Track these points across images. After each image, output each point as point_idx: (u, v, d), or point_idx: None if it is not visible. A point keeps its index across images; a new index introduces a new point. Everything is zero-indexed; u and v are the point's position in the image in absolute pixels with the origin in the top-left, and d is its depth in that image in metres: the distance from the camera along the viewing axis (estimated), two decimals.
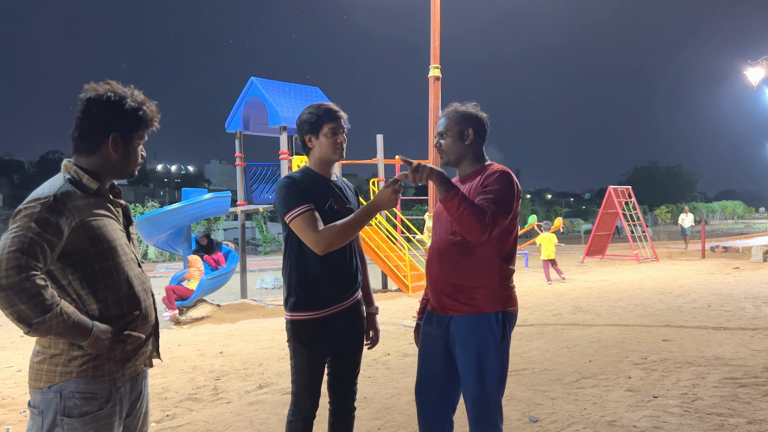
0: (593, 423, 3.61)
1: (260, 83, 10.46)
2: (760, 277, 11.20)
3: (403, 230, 14.59)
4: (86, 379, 1.65)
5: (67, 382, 1.64)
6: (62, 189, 1.64)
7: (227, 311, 9.15)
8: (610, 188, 17.18)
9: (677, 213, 54.39)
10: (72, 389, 1.64)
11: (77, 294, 1.67)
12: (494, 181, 2.25)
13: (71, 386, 1.64)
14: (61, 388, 1.64)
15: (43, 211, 1.57)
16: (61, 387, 1.64)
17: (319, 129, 2.41)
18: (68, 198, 1.63)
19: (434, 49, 7.48)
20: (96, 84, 1.74)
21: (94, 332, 1.62)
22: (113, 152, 1.74)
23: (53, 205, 1.59)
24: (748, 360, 4.96)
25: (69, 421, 1.63)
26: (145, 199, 34.08)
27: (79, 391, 1.65)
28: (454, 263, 2.31)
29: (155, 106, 1.81)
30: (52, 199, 1.60)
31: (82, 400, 1.65)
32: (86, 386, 1.65)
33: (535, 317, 7.64)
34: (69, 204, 1.63)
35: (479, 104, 2.46)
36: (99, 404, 1.67)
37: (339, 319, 2.43)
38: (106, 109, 1.70)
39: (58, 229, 1.59)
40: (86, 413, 1.65)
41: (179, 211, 9.11)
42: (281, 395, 4.42)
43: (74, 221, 1.63)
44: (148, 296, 1.83)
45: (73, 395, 1.64)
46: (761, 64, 13.26)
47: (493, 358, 2.27)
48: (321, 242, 2.25)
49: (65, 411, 1.64)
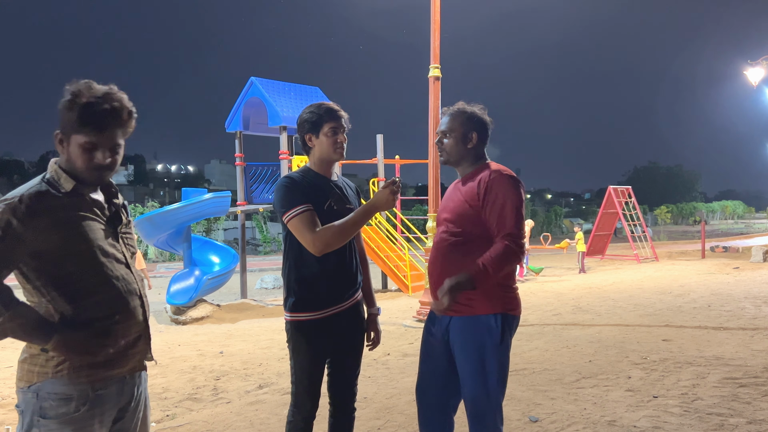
0: (593, 423, 3.60)
1: (260, 83, 10.46)
2: (760, 277, 11.20)
3: (403, 230, 14.59)
4: (62, 380, 1.62)
5: (44, 382, 1.62)
6: (33, 190, 1.61)
7: (227, 311, 9.15)
8: (610, 188, 17.18)
9: (677, 213, 54.42)
10: (48, 390, 1.62)
11: (50, 296, 1.63)
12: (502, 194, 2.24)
13: (48, 387, 1.62)
14: (39, 388, 1.62)
15: (6, 213, 1.55)
16: (38, 387, 1.62)
17: (320, 128, 2.40)
18: (37, 199, 1.60)
19: (434, 49, 7.48)
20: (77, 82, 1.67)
21: (56, 337, 1.58)
22: (61, 151, 1.68)
23: (17, 207, 1.56)
24: (748, 360, 4.96)
25: (45, 422, 1.61)
26: (145, 199, 34.10)
27: (54, 392, 1.62)
28: (453, 264, 2.31)
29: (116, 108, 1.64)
30: (17, 200, 1.57)
31: (58, 402, 1.61)
32: (62, 387, 1.62)
33: (535, 317, 7.64)
34: (37, 205, 1.59)
35: (485, 106, 2.47)
36: (75, 406, 1.63)
37: (339, 320, 2.42)
38: (61, 107, 1.64)
39: (20, 231, 1.55)
40: (61, 415, 1.61)
41: (179, 211, 9.11)
42: (281, 395, 4.41)
43: (43, 222, 1.59)
44: (134, 298, 1.76)
45: (49, 396, 1.61)
46: (761, 64, 13.25)
47: (492, 360, 2.26)
48: (318, 243, 2.25)
49: (41, 412, 1.61)
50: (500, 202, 2.24)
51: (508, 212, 2.23)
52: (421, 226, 15.42)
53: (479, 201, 2.27)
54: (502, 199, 2.24)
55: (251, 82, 10.58)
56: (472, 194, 2.30)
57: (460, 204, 2.33)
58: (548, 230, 37.74)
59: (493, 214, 2.25)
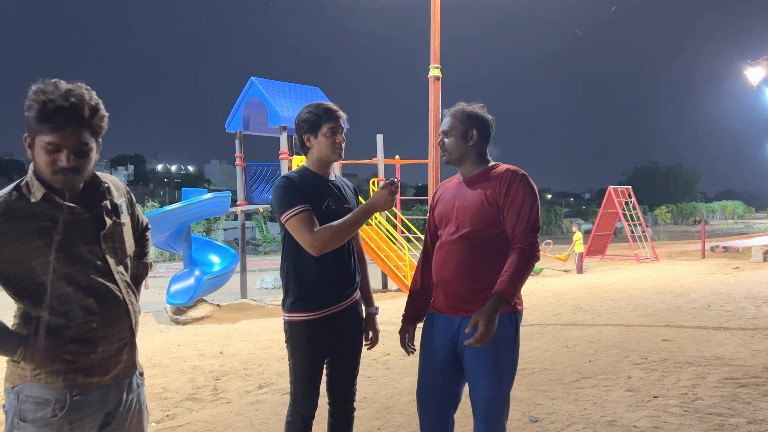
0: (593, 423, 3.60)
1: (260, 83, 10.46)
2: (760, 277, 11.19)
3: (403, 230, 14.59)
4: (39, 384, 1.60)
5: (24, 384, 1.61)
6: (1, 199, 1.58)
7: (227, 311, 9.15)
8: (610, 188, 17.19)
9: (677, 213, 54.46)
10: (27, 393, 1.60)
11: (23, 302, 1.62)
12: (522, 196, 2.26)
13: (27, 389, 1.60)
14: (19, 390, 1.61)
15: None
16: (19, 389, 1.61)
17: (318, 128, 2.39)
18: (5, 208, 1.57)
19: (434, 49, 7.48)
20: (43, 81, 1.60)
21: (22, 349, 1.57)
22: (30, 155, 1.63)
23: None
24: (748, 360, 4.96)
25: (24, 425, 1.60)
26: (145, 199, 34.11)
27: (33, 395, 1.60)
28: (470, 263, 2.29)
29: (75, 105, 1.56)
30: None
31: (35, 405, 1.60)
32: (40, 391, 1.60)
33: (535, 317, 7.64)
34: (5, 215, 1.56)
35: (485, 105, 2.46)
36: (53, 411, 1.60)
37: (337, 320, 2.42)
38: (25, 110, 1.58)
39: None
40: (39, 419, 1.59)
41: (179, 211, 9.11)
42: (281, 395, 4.41)
43: (11, 231, 1.56)
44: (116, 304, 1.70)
45: (28, 399, 1.60)
46: (761, 64, 13.25)
47: (508, 359, 2.26)
48: (316, 243, 2.25)
49: (20, 414, 1.60)
50: (519, 200, 2.25)
51: (527, 212, 2.24)
52: (421, 226, 15.43)
53: (501, 198, 2.27)
54: (521, 198, 2.25)
55: (251, 82, 10.59)
56: (491, 193, 2.28)
57: (477, 203, 2.30)
58: (548, 230, 37.72)
59: (511, 213, 2.25)
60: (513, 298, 2.17)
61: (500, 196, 2.27)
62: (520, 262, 2.19)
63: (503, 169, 2.34)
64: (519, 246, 2.22)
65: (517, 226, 2.24)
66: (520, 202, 2.25)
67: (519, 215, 2.24)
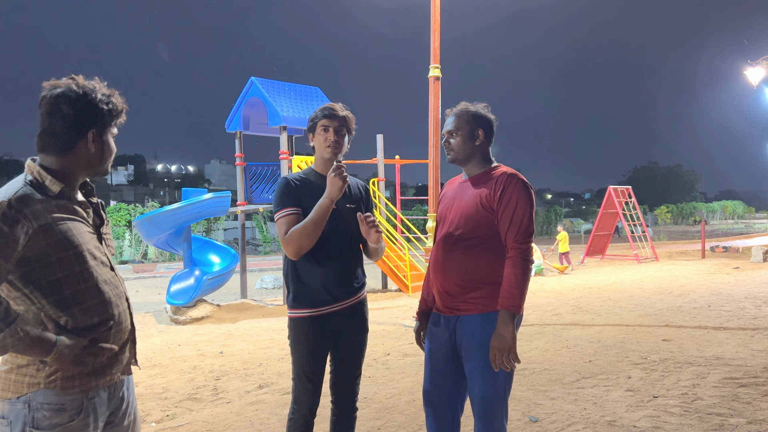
0: (593, 423, 3.60)
1: (260, 83, 10.45)
2: (760, 277, 11.20)
3: (403, 230, 14.59)
4: (55, 391, 1.58)
5: (35, 393, 1.57)
6: (19, 193, 1.53)
7: (227, 311, 9.15)
8: (610, 188, 17.18)
9: (677, 213, 54.47)
10: (41, 400, 1.57)
11: (40, 303, 1.57)
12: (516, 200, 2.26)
13: (40, 397, 1.57)
14: (30, 399, 1.57)
15: None
16: (29, 398, 1.57)
17: (315, 127, 2.46)
18: (24, 203, 1.53)
19: (434, 49, 7.48)
20: (57, 80, 1.62)
21: (58, 348, 1.54)
22: (91, 150, 1.64)
23: (6, 213, 1.49)
24: (748, 360, 4.96)
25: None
26: (145, 199, 34.11)
27: (48, 402, 1.57)
28: (461, 263, 2.31)
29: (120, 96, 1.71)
30: (5, 205, 1.50)
31: (52, 412, 1.57)
32: (56, 398, 1.58)
33: (535, 317, 7.64)
34: (25, 210, 1.52)
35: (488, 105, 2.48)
36: (70, 416, 1.59)
37: (339, 318, 2.43)
38: (80, 106, 1.60)
39: (11, 238, 1.49)
40: (56, 425, 1.57)
41: (179, 211, 9.10)
42: (281, 395, 4.41)
43: (32, 228, 1.52)
44: (122, 301, 1.72)
45: (42, 406, 1.56)
46: (761, 64, 13.26)
47: None
48: (289, 246, 2.31)
49: (34, 422, 1.56)
50: (513, 205, 2.26)
51: (519, 217, 2.25)
52: (421, 226, 15.42)
53: (495, 202, 2.28)
54: (515, 203, 2.26)
55: (251, 82, 10.57)
56: (486, 195, 2.29)
57: (472, 205, 2.32)
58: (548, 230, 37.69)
59: (505, 217, 2.26)
60: (520, 309, 2.20)
61: (495, 200, 2.28)
62: (516, 271, 2.21)
63: (501, 172, 2.35)
64: (511, 255, 2.24)
65: (510, 230, 2.25)
66: (513, 207, 2.26)
67: (512, 220, 2.25)
